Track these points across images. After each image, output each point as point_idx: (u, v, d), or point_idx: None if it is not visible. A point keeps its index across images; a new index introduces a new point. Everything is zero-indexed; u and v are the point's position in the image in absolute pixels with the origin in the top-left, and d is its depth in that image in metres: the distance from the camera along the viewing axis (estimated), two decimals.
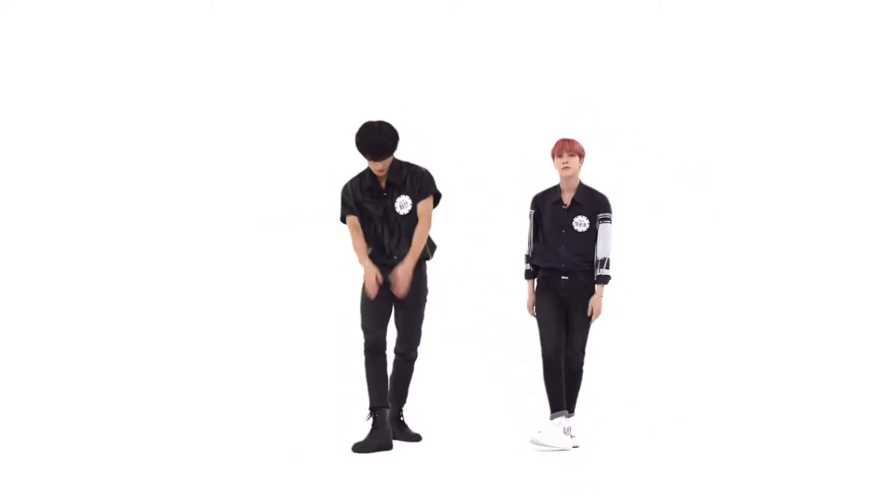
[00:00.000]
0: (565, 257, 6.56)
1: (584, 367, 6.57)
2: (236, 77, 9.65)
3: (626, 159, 9.16)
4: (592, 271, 6.61)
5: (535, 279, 6.65)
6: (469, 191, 6.87)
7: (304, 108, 9.63)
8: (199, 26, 9.67)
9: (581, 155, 6.60)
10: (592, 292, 6.58)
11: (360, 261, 6.67)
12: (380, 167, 6.58)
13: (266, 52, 9.63)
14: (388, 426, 6.52)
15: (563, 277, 6.56)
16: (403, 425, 6.79)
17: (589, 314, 6.52)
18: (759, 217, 9.45)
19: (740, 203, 9.49)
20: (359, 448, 6.42)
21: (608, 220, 6.59)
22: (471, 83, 9.40)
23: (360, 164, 6.95)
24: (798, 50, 9.54)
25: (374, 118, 6.62)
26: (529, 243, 6.70)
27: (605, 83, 9.51)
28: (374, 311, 6.65)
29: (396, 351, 6.77)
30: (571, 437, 6.46)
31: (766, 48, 9.55)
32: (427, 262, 6.77)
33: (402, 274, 6.58)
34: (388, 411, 6.58)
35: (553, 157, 6.63)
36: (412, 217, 6.66)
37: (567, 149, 6.56)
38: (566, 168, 6.55)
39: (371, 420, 6.54)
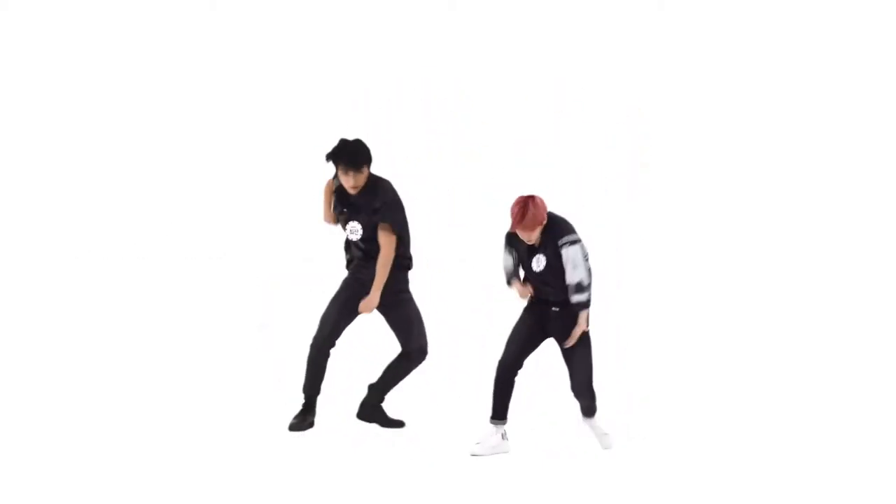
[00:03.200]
0: (554, 291, 6.24)
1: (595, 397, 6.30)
2: (236, 77, 9.64)
3: (626, 159, 9.15)
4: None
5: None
6: (466, 197, 6.86)
7: (303, 108, 9.62)
8: (199, 26, 9.66)
9: (540, 225, 6.14)
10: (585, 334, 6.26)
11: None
12: (351, 183, 6.55)
13: (265, 52, 9.62)
14: (314, 408, 6.82)
15: (553, 309, 6.30)
16: (383, 413, 6.86)
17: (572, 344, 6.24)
18: (759, 217, 9.44)
19: (740, 203, 9.48)
20: (292, 428, 6.74)
21: (569, 242, 6.18)
22: (470, 84, 9.39)
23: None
24: (798, 50, 9.53)
25: (374, 118, 6.62)
26: (509, 268, 6.41)
27: (604, 83, 9.51)
28: (335, 311, 6.78)
29: (406, 347, 6.80)
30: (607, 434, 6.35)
31: (766, 48, 9.54)
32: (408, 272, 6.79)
33: (367, 305, 6.68)
34: (316, 399, 6.82)
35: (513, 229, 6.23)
36: (368, 242, 6.67)
37: (529, 227, 6.11)
38: (530, 240, 6.17)
39: (307, 404, 6.82)
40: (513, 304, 7.56)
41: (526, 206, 6.12)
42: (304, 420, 6.80)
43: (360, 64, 9.56)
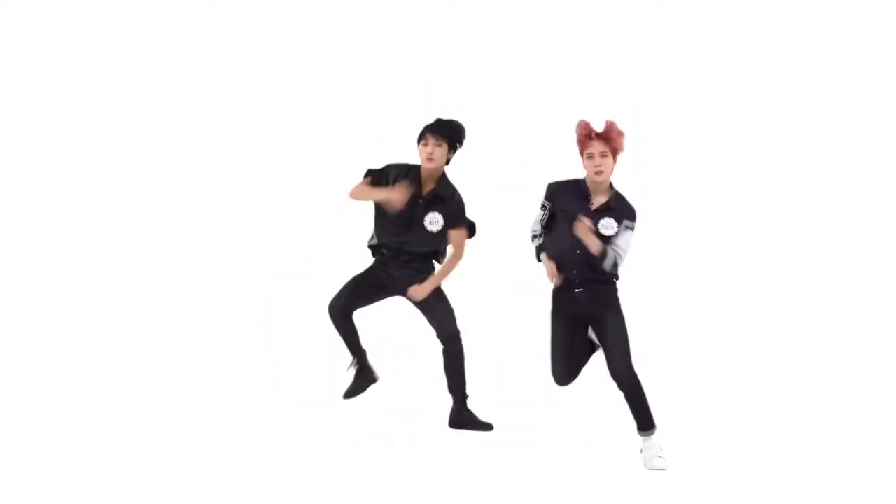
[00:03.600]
0: (580, 262, 5.91)
1: (638, 379, 5.87)
2: (236, 77, 9.64)
3: (626, 159, 9.15)
4: (608, 281, 5.95)
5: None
6: (465, 197, 6.87)
7: (303, 108, 9.62)
8: (199, 26, 9.66)
9: (616, 153, 5.91)
10: (614, 300, 5.95)
11: (377, 193, 6.50)
12: (433, 153, 6.47)
13: (265, 52, 9.63)
14: (369, 366, 6.81)
15: (576, 290, 5.99)
16: (471, 416, 6.71)
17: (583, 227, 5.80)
18: (759, 217, 9.44)
19: (740, 203, 9.48)
20: (349, 394, 6.76)
21: (632, 228, 5.93)
22: (470, 84, 9.40)
23: (359, 167, 6.95)
24: (799, 50, 9.54)
25: (374, 118, 6.63)
26: (538, 222, 6.11)
27: (604, 83, 9.51)
28: (358, 291, 6.74)
29: (441, 340, 6.72)
30: (661, 457, 5.88)
31: (766, 48, 9.55)
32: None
33: (421, 291, 6.60)
34: (366, 355, 6.80)
35: (581, 153, 5.95)
36: (435, 237, 6.60)
37: (600, 147, 5.86)
38: (599, 172, 5.89)
39: (354, 368, 6.80)
40: (512, 304, 7.57)
41: (600, 128, 5.85)
42: (359, 382, 6.78)
43: (360, 64, 9.57)
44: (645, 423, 5.94)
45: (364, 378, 6.88)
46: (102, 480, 5.73)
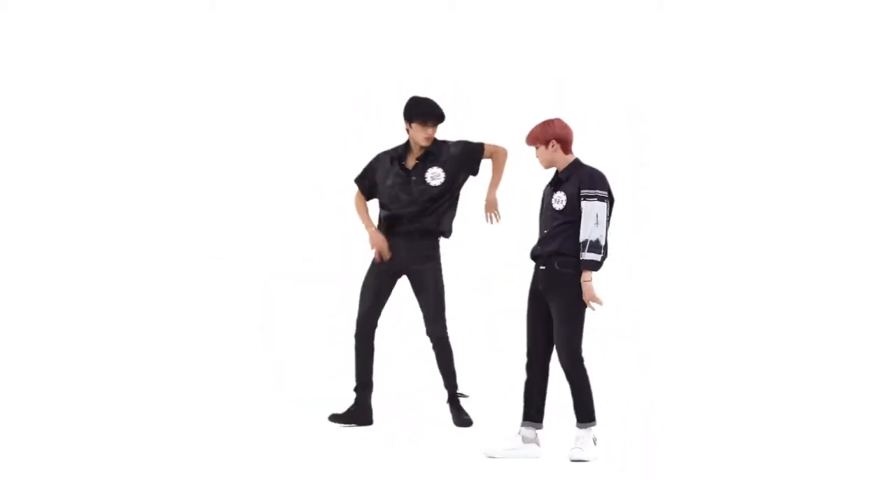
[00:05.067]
0: (544, 240, 5.91)
1: (581, 368, 5.82)
2: (236, 77, 9.64)
3: (626, 159, 9.15)
4: (570, 258, 5.82)
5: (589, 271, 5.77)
6: (465, 197, 6.88)
7: (303, 108, 9.62)
8: (199, 26, 9.66)
9: (544, 140, 5.94)
10: (569, 283, 5.79)
11: (366, 225, 6.86)
12: (431, 136, 6.73)
13: (265, 52, 9.62)
14: (369, 405, 6.84)
15: (540, 268, 5.95)
16: (460, 408, 6.86)
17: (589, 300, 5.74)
18: (759, 216, 9.44)
19: (740, 202, 9.48)
20: (337, 419, 6.78)
21: (595, 197, 5.79)
22: (470, 84, 9.39)
23: (357, 166, 6.96)
24: (798, 49, 9.53)
25: (373, 118, 6.66)
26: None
27: (604, 83, 9.51)
28: (373, 293, 6.81)
29: (429, 334, 6.84)
30: (593, 445, 5.91)
31: (766, 47, 9.54)
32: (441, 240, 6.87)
33: (493, 201, 6.80)
34: (370, 393, 6.85)
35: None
36: (440, 189, 6.75)
37: (529, 142, 6.00)
38: (540, 160, 6.02)
39: (354, 397, 6.82)
40: (512, 303, 7.55)
41: (541, 123, 6.00)
42: (352, 416, 6.83)
43: (361, 64, 9.57)
44: (582, 415, 5.92)
45: (359, 414, 6.86)
46: (102, 480, 5.73)
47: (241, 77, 9.61)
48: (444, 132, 6.92)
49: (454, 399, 6.89)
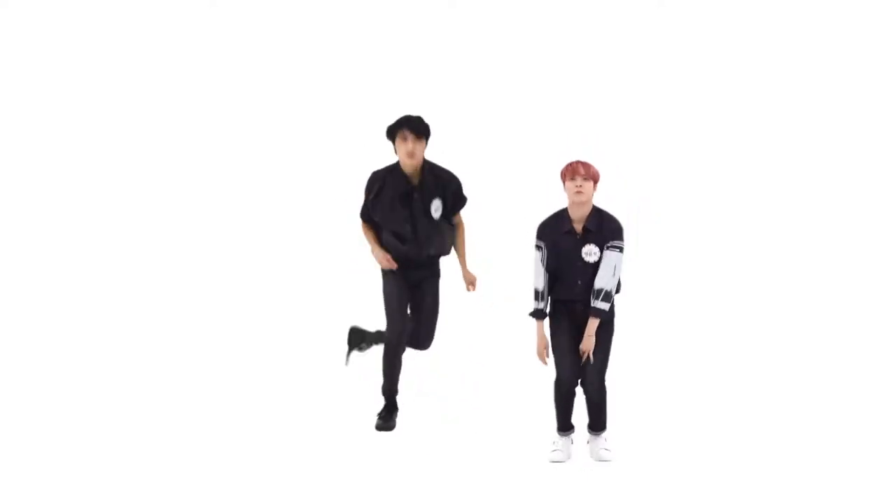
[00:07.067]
0: (581, 290, 6.05)
1: (604, 388, 6.14)
2: (236, 76, 9.64)
3: (626, 159, 9.16)
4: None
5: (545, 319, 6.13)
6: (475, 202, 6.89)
7: (303, 108, 9.62)
8: (198, 24, 9.67)
9: (596, 180, 6.05)
10: (610, 318, 6.10)
11: (373, 249, 6.75)
12: (413, 150, 6.55)
13: (265, 52, 9.63)
14: (395, 414, 6.86)
15: (576, 304, 6.09)
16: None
17: (583, 350, 6.08)
18: (759, 216, 9.44)
19: (740, 202, 9.48)
20: (387, 428, 6.74)
21: (618, 248, 6.03)
22: (470, 84, 9.40)
23: (358, 164, 6.95)
24: (798, 48, 9.53)
25: (374, 118, 6.63)
26: (539, 276, 6.13)
27: (603, 82, 9.51)
28: (400, 305, 6.71)
29: (413, 346, 6.84)
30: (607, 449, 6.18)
31: (766, 46, 9.54)
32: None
33: (472, 277, 6.82)
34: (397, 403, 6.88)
35: (564, 180, 6.07)
36: (442, 220, 6.70)
37: (581, 173, 6.00)
38: (579, 193, 5.98)
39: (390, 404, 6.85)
40: (511, 300, 7.54)
41: (581, 161, 6.03)
42: (389, 422, 6.86)
43: (361, 64, 9.57)
44: (596, 424, 6.22)
45: (391, 419, 6.85)
46: (102, 480, 5.74)
47: (241, 76, 9.61)
48: (444, 132, 6.90)
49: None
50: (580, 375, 6.16)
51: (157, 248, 9.49)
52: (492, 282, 7.40)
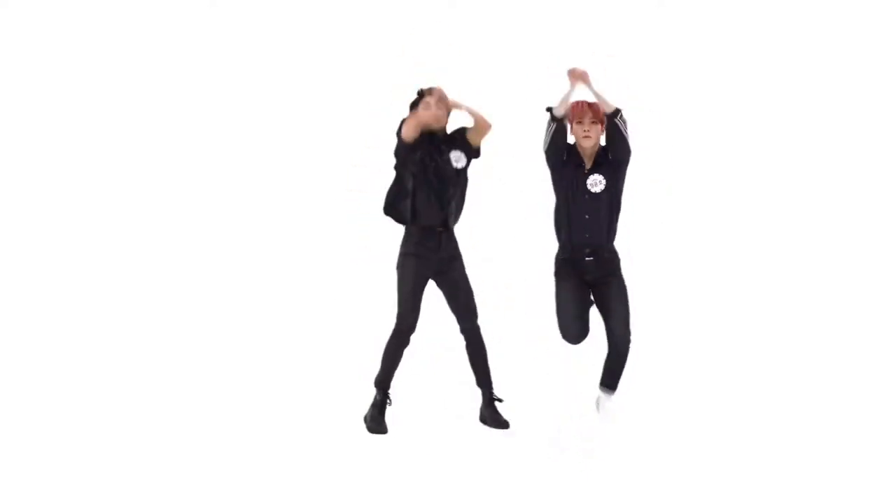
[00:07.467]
0: (588, 232, 6.03)
1: (632, 346, 6.13)
2: (235, 76, 9.65)
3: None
4: (613, 250, 6.12)
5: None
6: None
7: (303, 108, 9.63)
8: (198, 23, 9.67)
9: (603, 122, 6.08)
10: (618, 267, 6.09)
11: (420, 118, 6.54)
12: (442, 117, 6.53)
13: (265, 51, 9.63)
14: (385, 415, 6.67)
15: (587, 259, 6.10)
16: (495, 410, 6.71)
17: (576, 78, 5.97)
18: (759, 216, 9.44)
19: (740, 201, 9.48)
20: (380, 431, 6.56)
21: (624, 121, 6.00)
22: (470, 84, 9.40)
23: (357, 164, 6.94)
24: (798, 47, 9.53)
25: (374, 118, 6.63)
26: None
27: (604, 82, 9.51)
28: (415, 291, 6.54)
29: (465, 329, 6.66)
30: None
31: (766, 45, 9.54)
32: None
33: (464, 105, 6.60)
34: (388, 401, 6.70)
35: (571, 122, 6.12)
36: (464, 175, 6.57)
37: (589, 116, 6.07)
38: (587, 138, 6.07)
39: (387, 401, 6.67)
40: (511, 301, 7.56)
41: (588, 102, 6.04)
42: (380, 424, 6.70)
43: (360, 64, 9.57)
44: (613, 382, 6.21)
45: (382, 422, 6.72)
46: (102, 480, 5.74)
47: (241, 75, 9.62)
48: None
49: (491, 400, 6.70)
50: (584, 334, 6.17)
51: (156, 247, 9.50)
52: (491, 282, 7.42)
